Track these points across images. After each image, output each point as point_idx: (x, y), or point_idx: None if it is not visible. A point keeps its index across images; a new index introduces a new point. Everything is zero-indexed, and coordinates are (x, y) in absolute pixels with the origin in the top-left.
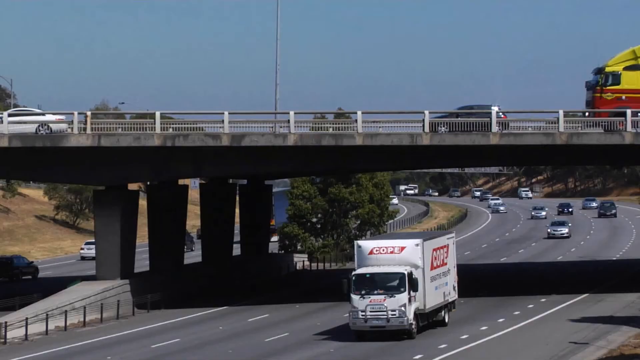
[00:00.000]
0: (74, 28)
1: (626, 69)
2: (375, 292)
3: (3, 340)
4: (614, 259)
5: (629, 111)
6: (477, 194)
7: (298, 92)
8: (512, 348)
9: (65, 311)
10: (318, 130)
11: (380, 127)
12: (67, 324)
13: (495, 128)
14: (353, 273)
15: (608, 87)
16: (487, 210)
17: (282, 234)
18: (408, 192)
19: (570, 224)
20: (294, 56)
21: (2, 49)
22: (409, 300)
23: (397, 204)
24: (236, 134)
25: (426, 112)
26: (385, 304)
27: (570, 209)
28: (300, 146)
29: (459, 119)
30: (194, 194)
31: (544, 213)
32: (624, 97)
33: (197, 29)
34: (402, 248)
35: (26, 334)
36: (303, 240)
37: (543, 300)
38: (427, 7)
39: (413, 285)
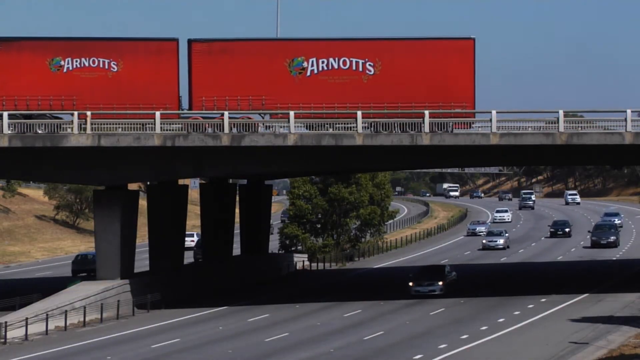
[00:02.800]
0: (75, 28)
1: None
2: None
3: (3, 340)
4: (614, 259)
5: (629, 111)
6: (525, 195)
7: None
8: (512, 348)
9: (65, 311)
10: (318, 130)
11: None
12: (67, 324)
13: (495, 128)
14: None
15: None
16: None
17: (282, 234)
18: (451, 193)
19: (507, 234)
20: None
21: None
22: None
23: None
24: (236, 134)
25: (426, 112)
26: None
27: (567, 230)
28: (300, 146)
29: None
30: (194, 194)
31: (483, 229)
32: None
33: (196, 29)
34: None
35: (26, 334)
36: (303, 241)
37: (543, 300)
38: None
39: None
